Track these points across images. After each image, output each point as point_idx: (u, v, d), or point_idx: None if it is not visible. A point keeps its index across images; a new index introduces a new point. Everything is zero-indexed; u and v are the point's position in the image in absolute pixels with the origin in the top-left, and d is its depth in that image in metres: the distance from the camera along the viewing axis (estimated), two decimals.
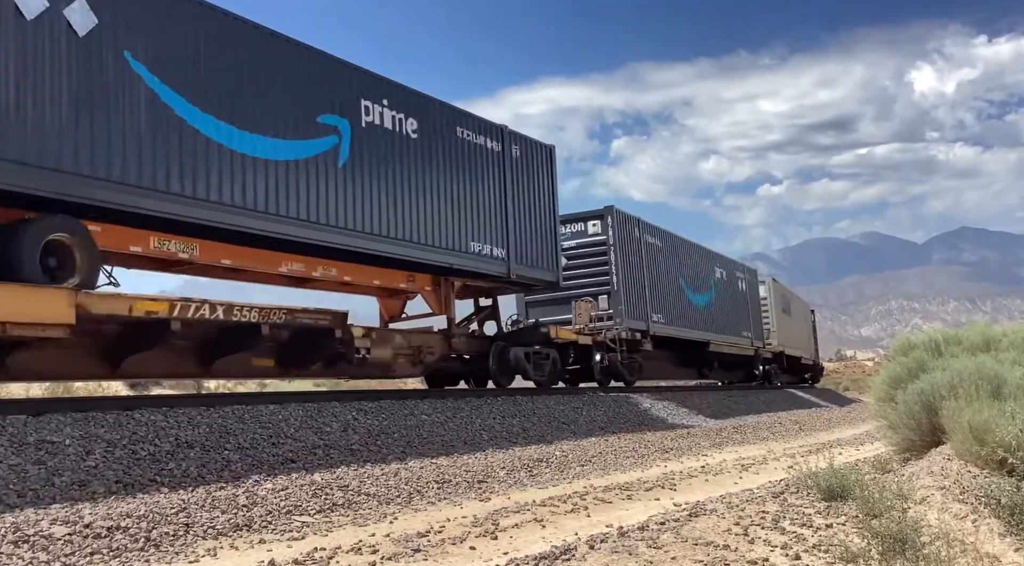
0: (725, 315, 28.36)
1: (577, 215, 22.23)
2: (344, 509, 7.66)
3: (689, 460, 12.25)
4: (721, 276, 28.83)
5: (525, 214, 17.27)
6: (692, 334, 25.43)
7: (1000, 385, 8.09)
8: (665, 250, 24.36)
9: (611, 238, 21.59)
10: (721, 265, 29.13)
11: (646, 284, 22.72)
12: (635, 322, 21.72)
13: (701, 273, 26.97)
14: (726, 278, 29.27)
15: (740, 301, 30.49)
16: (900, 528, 5.17)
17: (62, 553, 5.70)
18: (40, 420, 8.26)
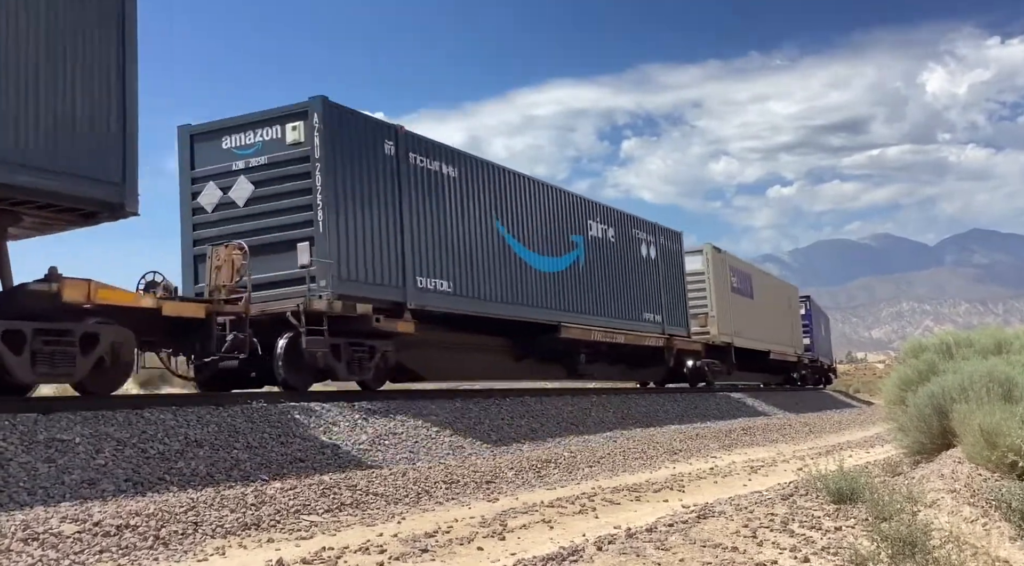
0: (606, 290, 20.08)
1: (264, 115, 13.57)
2: (352, 509, 7.67)
3: (698, 462, 12.23)
4: (602, 235, 20.42)
5: None
6: (519, 312, 16.70)
7: (1011, 388, 8.04)
8: (467, 184, 15.80)
9: (318, 149, 12.91)
10: (605, 220, 20.72)
11: (410, 230, 14.14)
12: (363, 287, 13.27)
13: (553, 227, 18.33)
14: (614, 239, 20.95)
15: (643, 273, 22.15)
16: (910, 531, 5.14)
17: (71, 551, 5.72)
18: (50, 418, 8.30)
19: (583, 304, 19.08)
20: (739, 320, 28.04)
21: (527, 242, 17.31)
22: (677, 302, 24.12)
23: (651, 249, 23.15)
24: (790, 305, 36.83)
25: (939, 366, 10.07)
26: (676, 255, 24.81)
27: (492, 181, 16.58)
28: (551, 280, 18.01)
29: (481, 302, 15.73)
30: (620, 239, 21.47)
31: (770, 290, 33.45)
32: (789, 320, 35.89)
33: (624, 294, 21.15)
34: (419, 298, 14.18)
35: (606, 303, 20.14)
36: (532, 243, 17.46)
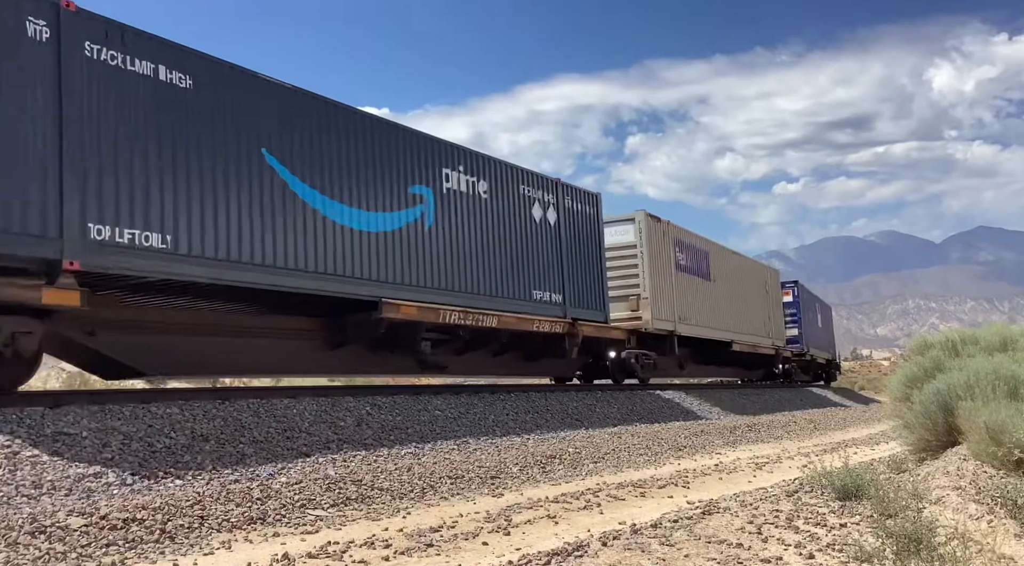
0: (470, 259, 15.16)
1: None
2: (357, 503, 7.70)
3: (703, 458, 12.23)
4: (467, 189, 15.33)
5: None
6: (307, 282, 11.95)
7: (1017, 385, 8.03)
8: (212, 99, 10.94)
9: None
10: (473, 170, 15.56)
11: (79, 154, 9.35)
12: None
13: (377, 172, 13.38)
14: (487, 195, 15.86)
15: (533, 241, 17.04)
16: (915, 528, 5.14)
17: (78, 544, 5.75)
18: (57, 412, 8.33)
19: (428, 275, 13.99)
20: (687, 304, 23.26)
21: (325, 188, 12.29)
22: (590, 280, 18.61)
23: (549, 212, 17.73)
24: (767, 290, 31.52)
25: (945, 363, 10.06)
26: (589, 222, 19.05)
27: (255, 99, 11.51)
28: (370, 242, 12.94)
29: (234, 267, 10.89)
30: (498, 196, 16.15)
31: (737, 272, 28.24)
32: (765, 307, 30.80)
33: (501, 266, 15.86)
34: (97, 256, 9.30)
35: (469, 276, 14.97)
36: (335, 190, 12.43)
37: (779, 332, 32.29)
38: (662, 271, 21.94)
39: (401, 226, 13.70)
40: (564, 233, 17.97)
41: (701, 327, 24.25)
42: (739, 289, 27.98)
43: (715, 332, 25.39)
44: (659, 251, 21.87)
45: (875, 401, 35.35)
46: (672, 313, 22.23)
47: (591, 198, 19.42)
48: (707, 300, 24.87)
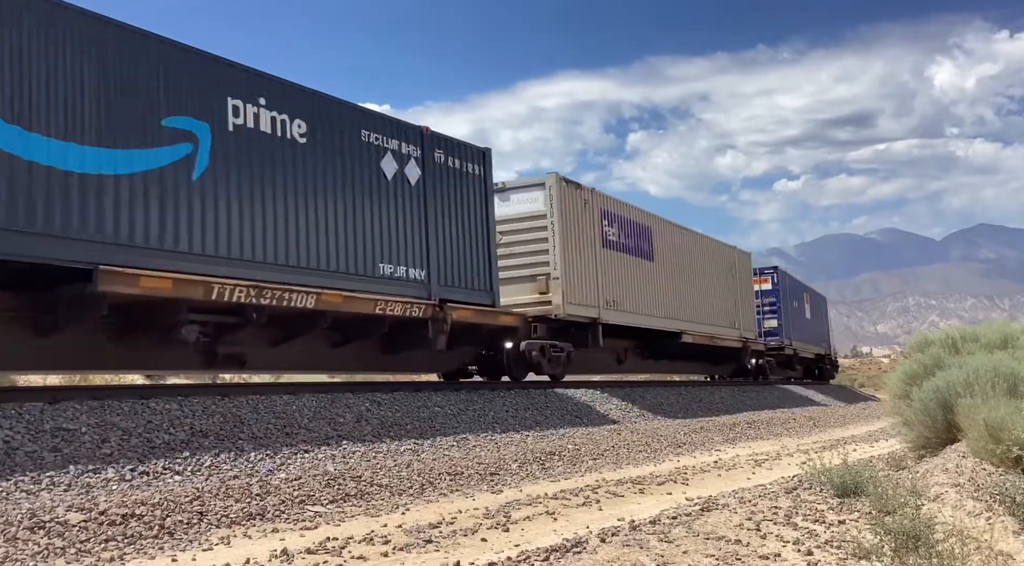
0: (270, 220, 11.65)
1: None
2: (357, 499, 7.70)
3: (702, 455, 12.24)
4: (271, 129, 11.78)
5: None
6: None
7: (1017, 383, 8.03)
8: None
9: None
10: (284, 105, 12.04)
11: None
12: None
13: (112, 98, 9.87)
14: (305, 139, 12.28)
15: (382, 201, 13.47)
16: (913, 525, 5.14)
17: (77, 539, 5.75)
18: (56, 408, 8.34)
19: (197, 238, 10.62)
20: (619, 287, 19.66)
21: (19, 115, 8.93)
22: (470, 254, 15.00)
23: (409, 167, 13.84)
24: (734, 275, 27.62)
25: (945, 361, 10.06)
26: (473, 183, 15.33)
27: None
28: (90, 189, 9.54)
29: None
30: (324, 142, 12.48)
31: (691, 253, 24.49)
32: (731, 295, 27.04)
33: (325, 231, 12.38)
34: None
35: (271, 242, 11.54)
36: (33, 118, 9.04)
37: (749, 323, 28.46)
38: (581, 247, 18.23)
39: (147, 170, 10.08)
40: (433, 194, 14.21)
41: (638, 315, 20.47)
42: (694, 272, 24.39)
43: (657, 321, 21.55)
44: (577, 223, 18.17)
45: (874, 399, 35.24)
46: (595, 297, 18.52)
47: (476, 154, 15.41)
48: (648, 284, 21.20)
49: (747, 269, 29.51)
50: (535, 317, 16.80)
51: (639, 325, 20.66)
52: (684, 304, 23.31)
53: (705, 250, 25.86)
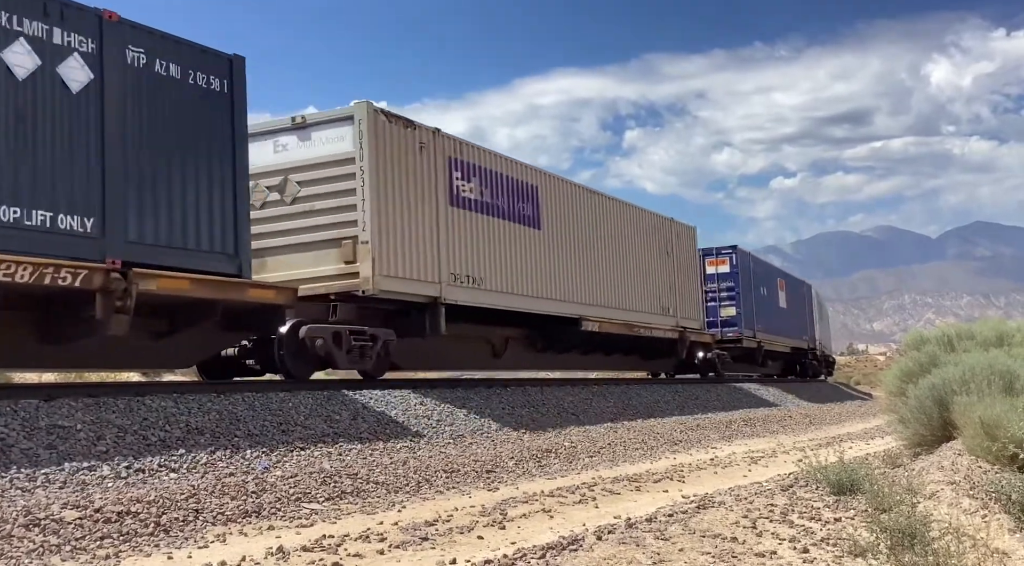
0: None
1: None
2: (353, 497, 7.70)
3: (698, 452, 12.25)
4: None
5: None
6: None
7: (1012, 380, 8.05)
8: None
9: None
10: None
11: None
12: None
13: None
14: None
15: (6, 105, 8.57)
16: (909, 523, 5.15)
17: (73, 537, 5.74)
18: (52, 405, 8.31)
19: None
20: (480, 259, 15.13)
21: None
22: (201, 202, 10.30)
23: (69, 66, 9.27)
24: (670, 252, 22.80)
25: (940, 358, 10.08)
26: (204, 100, 10.50)
27: None
28: None
29: None
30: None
31: (602, 222, 19.59)
32: (665, 275, 22.33)
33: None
34: None
35: None
36: None
37: (691, 309, 23.71)
38: (412, 203, 13.67)
39: None
40: (119, 110, 9.63)
41: (513, 295, 15.85)
42: (607, 247, 19.50)
43: (544, 303, 16.76)
44: (406, 171, 13.61)
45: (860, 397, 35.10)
46: (435, 270, 13.98)
47: (215, 64, 10.69)
48: (532, 257, 16.53)
49: (690, 246, 24.41)
50: (339, 294, 12.86)
51: (508, 306, 15.74)
52: (589, 284, 18.46)
53: (628, 221, 20.88)
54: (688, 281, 23.92)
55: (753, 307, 28.33)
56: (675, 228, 23.47)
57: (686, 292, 23.64)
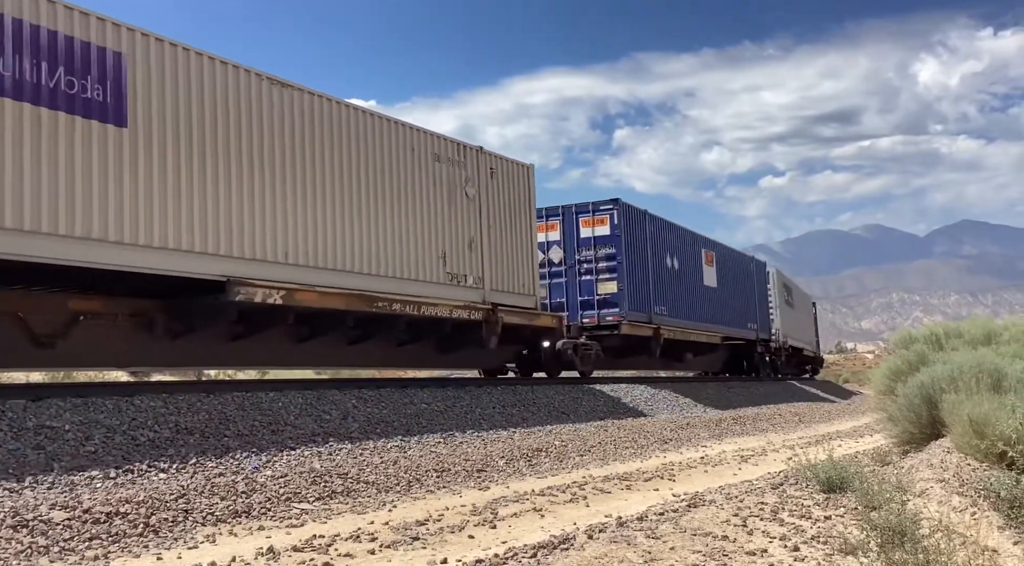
0: None
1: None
2: (343, 497, 7.67)
3: (689, 451, 12.27)
4: None
5: None
6: None
7: (1000, 378, 8.08)
8: None
9: None
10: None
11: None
12: None
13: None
14: None
15: None
16: (899, 520, 5.17)
17: (61, 538, 5.70)
18: (40, 405, 8.26)
19: None
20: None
21: None
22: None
23: None
24: (470, 194, 15.72)
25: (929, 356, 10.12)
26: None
27: None
28: None
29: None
30: None
31: (300, 127, 12.38)
32: (458, 229, 15.32)
33: None
34: None
35: None
36: None
37: (514, 279, 16.62)
38: None
39: None
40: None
41: (53, 238, 9.19)
42: (313, 171, 12.49)
43: (132, 253, 9.96)
44: None
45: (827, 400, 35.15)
46: None
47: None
48: (108, 174, 9.77)
49: (521, 192, 17.13)
50: None
51: (55, 259, 9.21)
52: (269, 227, 11.68)
53: (376, 140, 13.71)
54: (512, 240, 16.62)
55: (649, 283, 21.75)
56: (489, 162, 16.14)
57: (507, 255, 16.40)
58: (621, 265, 20.56)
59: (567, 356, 18.16)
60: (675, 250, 23.93)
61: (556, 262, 20.90)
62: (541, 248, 19.32)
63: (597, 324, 20.25)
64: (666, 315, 22.61)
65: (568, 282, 20.76)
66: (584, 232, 20.92)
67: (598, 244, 20.78)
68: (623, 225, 20.84)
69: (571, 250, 20.84)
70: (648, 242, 22.20)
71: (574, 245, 20.81)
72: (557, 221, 21.02)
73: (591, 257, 20.79)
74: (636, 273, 21.25)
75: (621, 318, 20.41)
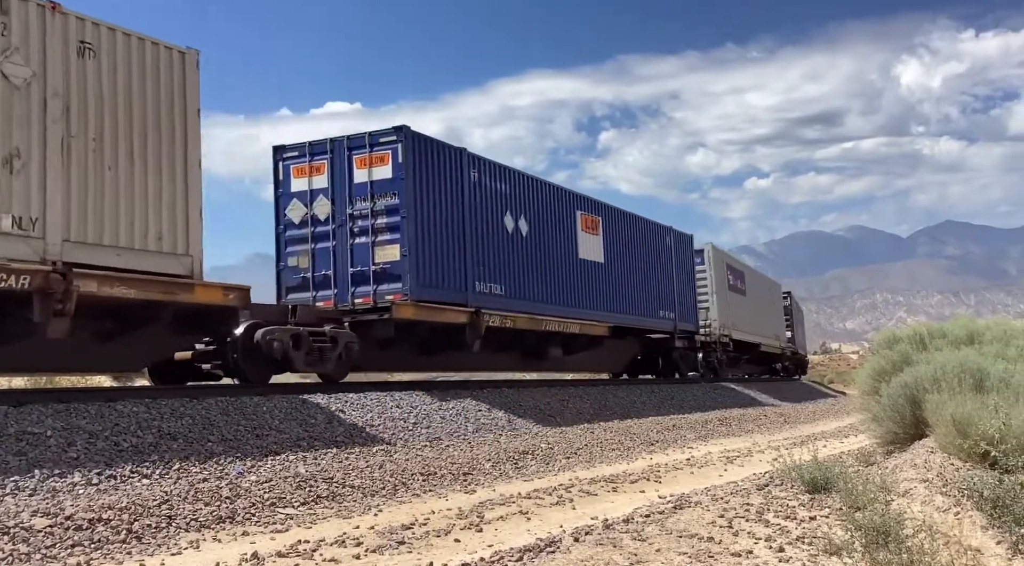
0: None
1: None
2: (328, 501, 7.64)
3: (675, 452, 12.29)
4: None
5: None
6: None
7: (983, 378, 8.12)
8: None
9: None
10: None
11: None
12: None
13: None
14: None
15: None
16: (883, 520, 5.18)
17: (43, 545, 5.65)
18: (21, 411, 8.19)
19: None
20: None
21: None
22: None
23: None
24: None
25: (912, 357, 10.16)
26: None
27: None
28: None
29: None
30: None
31: None
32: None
33: None
34: None
35: None
36: None
37: (106, 222, 9.81)
38: None
39: None
40: None
41: None
42: None
43: None
44: None
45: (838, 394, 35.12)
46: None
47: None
48: None
49: (170, 90, 10.76)
50: None
51: None
52: None
53: None
54: (139, 162, 10.34)
55: (463, 250, 15.86)
56: (77, 31, 9.85)
57: (121, 187, 10.13)
58: (406, 221, 14.47)
59: (275, 351, 12.11)
60: (522, 208, 17.77)
61: (323, 219, 15.02)
62: (303, 199, 15.01)
63: (373, 305, 14.41)
64: (502, 296, 16.65)
65: (337, 247, 14.90)
66: (359, 176, 14.90)
67: (377, 192, 14.71)
68: (411, 164, 14.67)
69: (342, 202, 14.93)
70: (464, 192, 15.91)
71: (346, 194, 14.89)
72: (325, 161, 15.08)
73: (367, 211, 14.78)
74: (434, 234, 15.11)
75: (406, 296, 14.33)
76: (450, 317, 15.37)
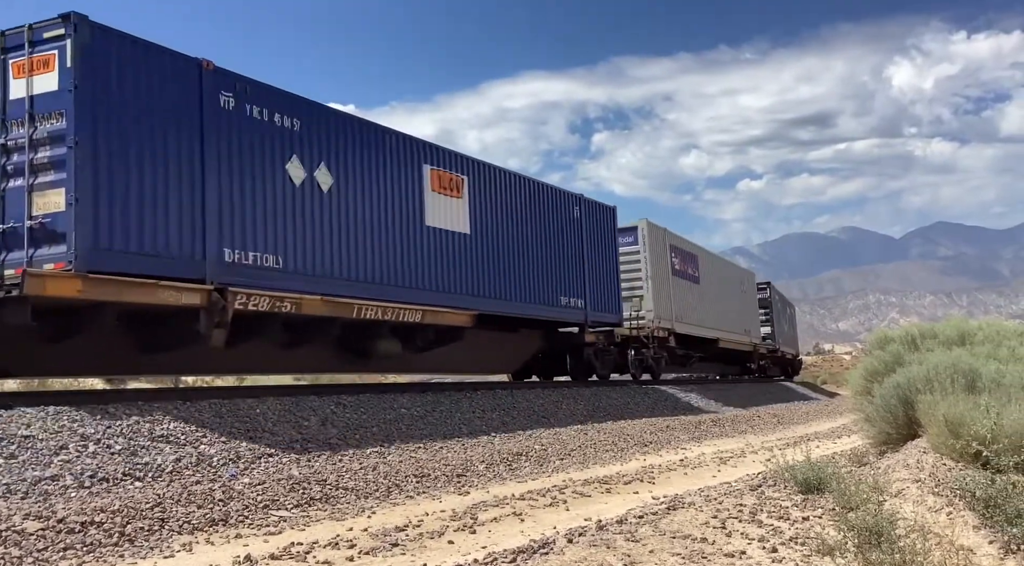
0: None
1: None
2: (322, 503, 7.63)
3: (668, 454, 12.30)
4: None
5: None
6: None
7: (975, 379, 8.15)
8: None
9: None
10: None
11: None
12: None
13: None
14: None
15: None
16: (876, 521, 5.20)
17: (35, 548, 5.63)
18: (12, 413, 8.16)
19: None
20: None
21: None
22: None
23: None
24: None
25: (905, 357, 10.18)
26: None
27: None
28: None
29: None
30: None
31: None
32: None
33: None
34: None
35: None
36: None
37: None
38: None
39: None
40: None
41: None
42: None
43: None
44: None
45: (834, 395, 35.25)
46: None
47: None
48: None
49: None
50: None
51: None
52: None
53: None
54: None
55: (200, 200, 10.91)
56: None
57: None
58: (77, 153, 9.58)
59: None
60: (321, 154, 12.84)
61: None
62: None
63: None
64: (279, 270, 11.91)
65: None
66: (16, 88, 9.96)
67: (39, 112, 9.81)
68: (90, 71, 9.78)
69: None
70: (207, 122, 11.10)
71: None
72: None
73: (24, 139, 9.79)
74: (139, 177, 10.20)
75: (67, 264, 9.42)
76: (165, 297, 10.29)
